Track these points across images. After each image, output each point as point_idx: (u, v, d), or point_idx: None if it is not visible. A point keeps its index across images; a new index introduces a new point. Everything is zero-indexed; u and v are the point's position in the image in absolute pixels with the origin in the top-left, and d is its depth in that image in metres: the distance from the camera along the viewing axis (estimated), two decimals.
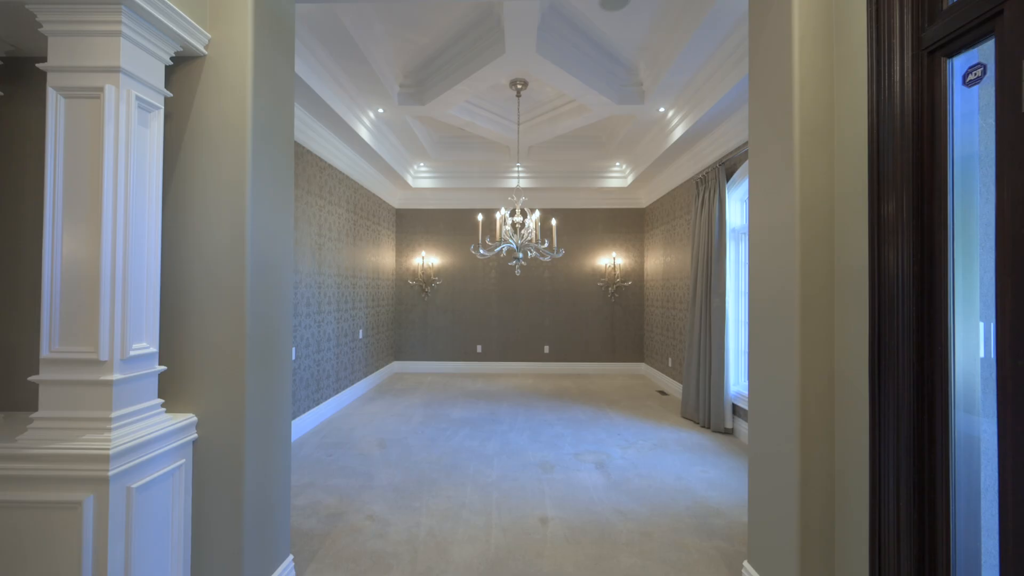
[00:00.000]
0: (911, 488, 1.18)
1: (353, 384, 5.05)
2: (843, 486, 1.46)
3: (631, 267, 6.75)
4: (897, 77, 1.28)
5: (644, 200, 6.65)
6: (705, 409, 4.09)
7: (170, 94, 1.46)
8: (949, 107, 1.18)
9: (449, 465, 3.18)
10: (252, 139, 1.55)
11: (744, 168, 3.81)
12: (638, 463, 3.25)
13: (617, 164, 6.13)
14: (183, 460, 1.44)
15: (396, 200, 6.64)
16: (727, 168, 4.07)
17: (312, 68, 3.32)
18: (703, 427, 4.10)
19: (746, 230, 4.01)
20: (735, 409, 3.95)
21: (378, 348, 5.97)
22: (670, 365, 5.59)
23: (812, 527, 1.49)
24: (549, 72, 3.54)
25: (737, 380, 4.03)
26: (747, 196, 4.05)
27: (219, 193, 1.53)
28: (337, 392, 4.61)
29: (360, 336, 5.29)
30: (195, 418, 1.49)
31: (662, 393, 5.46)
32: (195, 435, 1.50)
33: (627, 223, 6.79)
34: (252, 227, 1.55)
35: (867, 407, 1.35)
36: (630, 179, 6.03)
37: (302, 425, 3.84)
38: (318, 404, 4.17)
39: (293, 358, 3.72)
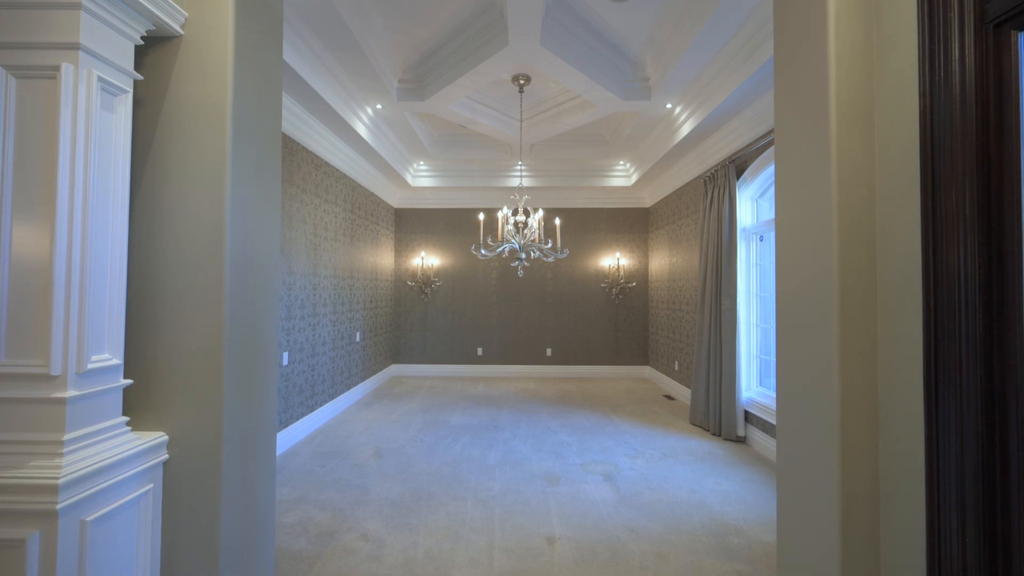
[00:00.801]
0: (979, 523, 1.03)
1: (350, 389, 4.90)
2: (891, 516, 1.31)
3: (635, 268, 6.60)
4: (956, 55, 1.13)
5: (648, 199, 6.51)
6: (716, 416, 3.94)
7: (140, 76, 1.32)
8: (1023, 86, 1.03)
9: (449, 477, 3.03)
10: (233, 127, 1.40)
11: (756, 165, 3.67)
12: (648, 474, 3.10)
13: (621, 163, 5.99)
14: (150, 485, 1.29)
15: (395, 199, 6.50)
16: (738, 165, 3.92)
17: (307, 60, 3.18)
18: (713, 435, 3.95)
19: (757, 230, 3.87)
20: (747, 416, 3.79)
21: (376, 351, 5.82)
22: (676, 369, 5.43)
23: (856, 562, 1.33)
24: (553, 66, 3.39)
25: (749, 386, 3.87)
26: (759, 195, 3.91)
27: (196, 185, 1.38)
28: (333, 398, 4.45)
29: (357, 339, 5.14)
30: (166, 436, 1.34)
31: (668, 398, 5.31)
32: (165, 455, 1.34)
33: (631, 223, 6.65)
34: (232, 222, 1.40)
35: (921, 427, 1.20)
36: (634, 178, 5.88)
37: (295, 433, 3.69)
38: (312, 411, 4.01)
39: (286, 363, 3.57)
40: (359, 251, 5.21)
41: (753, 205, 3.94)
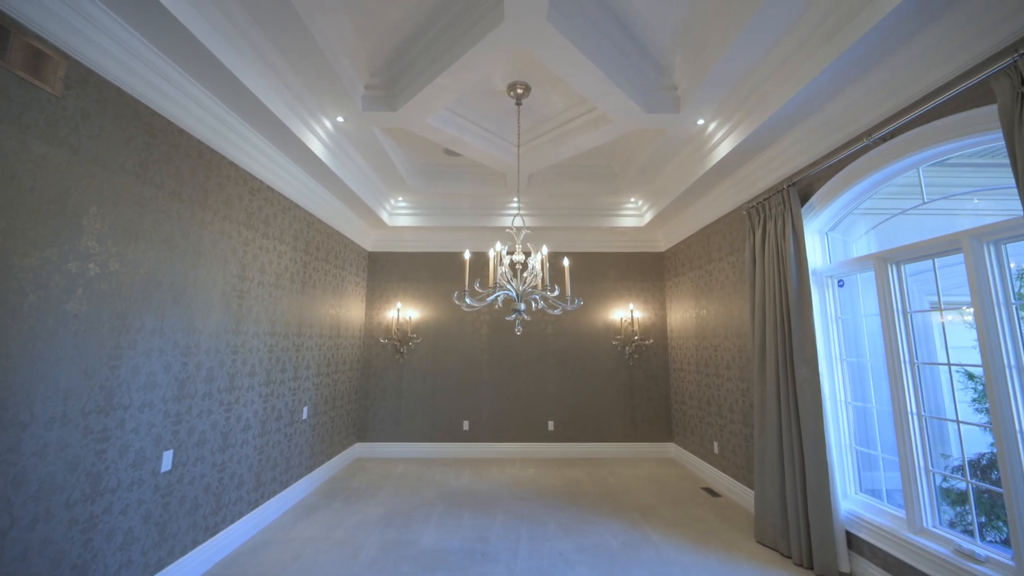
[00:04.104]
0: None
1: (287, 487, 3.62)
2: None
3: (652, 322, 5.59)
4: None
5: (663, 243, 5.64)
6: (800, 535, 2.74)
7: None
8: None
9: None
10: None
11: (830, 188, 2.76)
12: None
13: (632, 200, 5.18)
14: None
15: (369, 242, 5.55)
16: (800, 190, 3.05)
17: (236, 47, 2.33)
18: (799, 565, 2.72)
19: (833, 272, 2.92)
20: (850, 539, 2.61)
21: (333, 429, 4.57)
22: (716, 452, 4.25)
23: None
24: (562, 55, 2.58)
25: (845, 492, 2.73)
26: (831, 227, 3.00)
27: None
28: (256, 505, 3.18)
29: (304, 416, 3.93)
30: None
31: (710, 492, 4.08)
32: None
33: (643, 270, 5.73)
34: None
35: None
36: (647, 217, 5.05)
37: None
38: (215, 534, 2.73)
39: (168, 467, 2.37)
40: (314, 301, 4.15)
41: (823, 240, 3.03)
